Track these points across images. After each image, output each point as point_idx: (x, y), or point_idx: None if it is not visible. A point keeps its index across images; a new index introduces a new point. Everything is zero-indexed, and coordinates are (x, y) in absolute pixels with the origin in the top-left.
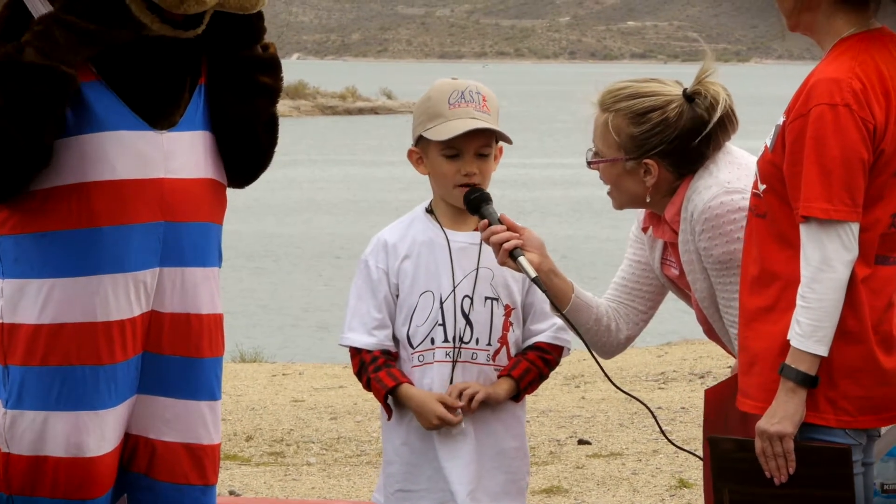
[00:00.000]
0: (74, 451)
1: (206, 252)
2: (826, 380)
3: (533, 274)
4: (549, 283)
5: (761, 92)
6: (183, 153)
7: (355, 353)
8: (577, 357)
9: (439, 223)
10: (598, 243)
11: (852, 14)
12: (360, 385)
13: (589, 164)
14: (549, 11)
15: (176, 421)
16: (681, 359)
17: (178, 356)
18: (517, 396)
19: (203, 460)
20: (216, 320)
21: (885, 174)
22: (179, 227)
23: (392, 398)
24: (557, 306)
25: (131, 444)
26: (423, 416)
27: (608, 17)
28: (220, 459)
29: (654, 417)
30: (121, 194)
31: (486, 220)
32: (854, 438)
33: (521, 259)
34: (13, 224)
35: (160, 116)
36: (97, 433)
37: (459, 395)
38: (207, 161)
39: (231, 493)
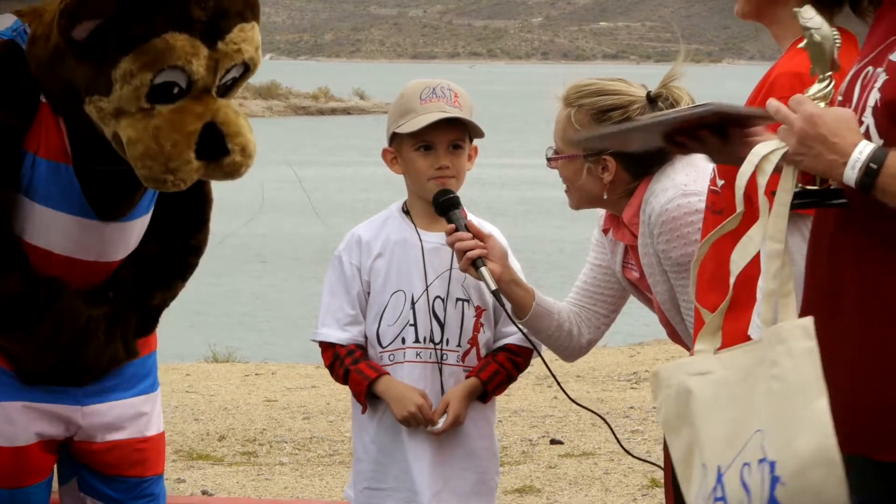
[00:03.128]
0: (4, 441)
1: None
2: None
3: (493, 286)
4: (509, 293)
5: (733, 92)
6: (121, 240)
7: (328, 347)
8: (549, 357)
9: (413, 223)
10: (548, 244)
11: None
12: (333, 385)
13: (548, 160)
14: (522, 12)
15: (118, 421)
16: (653, 359)
17: None
18: (484, 397)
19: (147, 453)
20: None
21: None
22: None
23: (370, 391)
24: (516, 318)
25: (75, 447)
26: (400, 404)
27: (581, 18)
28: (190, 458)
29: (612, 429)
30: (50, 263)
31: (452, 225)
32: None
33: (483, 269)
34: None
35: (112, 210)
36: (23, 422)
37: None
38: (139, 238)
39: (204, 492)
